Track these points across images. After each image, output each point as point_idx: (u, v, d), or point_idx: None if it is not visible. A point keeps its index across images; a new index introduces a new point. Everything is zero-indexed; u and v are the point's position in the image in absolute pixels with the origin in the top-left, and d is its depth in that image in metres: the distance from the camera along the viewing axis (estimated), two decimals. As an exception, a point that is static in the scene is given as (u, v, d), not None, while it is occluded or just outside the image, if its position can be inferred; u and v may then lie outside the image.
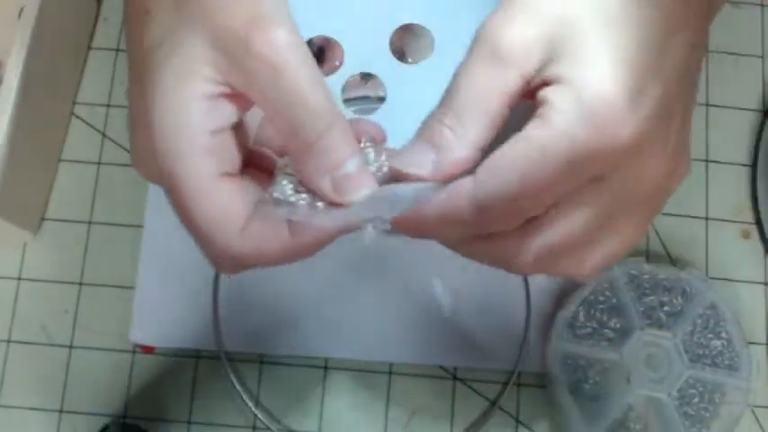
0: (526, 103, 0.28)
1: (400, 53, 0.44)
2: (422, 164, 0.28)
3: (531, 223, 0.28)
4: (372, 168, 0.30)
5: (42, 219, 0.43)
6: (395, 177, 0.29)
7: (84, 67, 0.45)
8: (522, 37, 0.27)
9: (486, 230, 0.28)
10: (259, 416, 0.41)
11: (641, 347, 0.39)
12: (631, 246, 0.30)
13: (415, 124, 0.43)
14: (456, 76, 0.28)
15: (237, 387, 0.41)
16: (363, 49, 0.44)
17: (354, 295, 0.42)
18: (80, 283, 0.43)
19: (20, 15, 0.39)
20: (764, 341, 0.43)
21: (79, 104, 0.45)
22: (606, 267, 0.31)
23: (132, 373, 0.42)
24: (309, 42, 0.44)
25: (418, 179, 0.28)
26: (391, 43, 0.44)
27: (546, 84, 0.26)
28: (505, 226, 0.28)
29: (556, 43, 0.27)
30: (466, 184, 0.27)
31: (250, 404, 0.41)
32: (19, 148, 0.39)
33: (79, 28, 0.45)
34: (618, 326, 0.40)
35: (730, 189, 0.44)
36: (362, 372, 0.42)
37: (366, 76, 0.44)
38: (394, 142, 0.43)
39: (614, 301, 0.40)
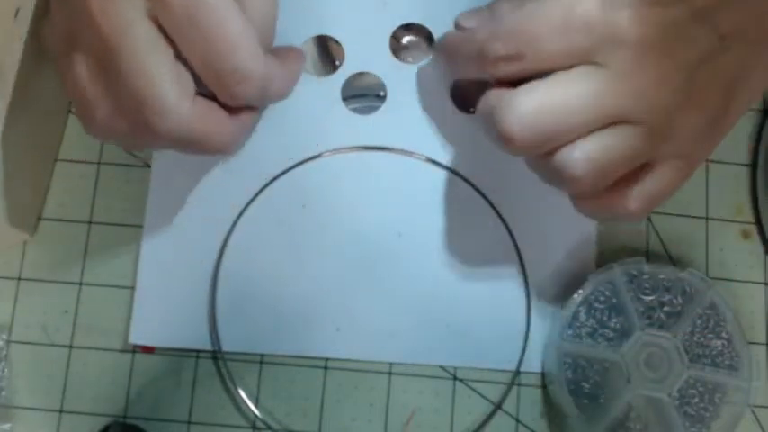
0: None
1: (400, 53, 0.44)
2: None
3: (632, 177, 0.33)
4: None
5: (39, 219, 0.43)
6: None
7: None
8: None
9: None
10: (259, 416, 0.41)
11: (641, 347, 0.39)
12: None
13: (415, 124, 0.43)
14: None
15: (237, 387, 0.41)
16: (363, 49, 0.44)
17: (354, 295, 0.42)
18: (80, 283, 0.43)
19: (16, 15, 0.39)
20: (764, 341, 0.43)
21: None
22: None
23: (132, 373, 0.42)
24: (310, 42, 0.44)
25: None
26: (391, 43, 0.44)
27: None
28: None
29: None
30: None
31: (250, 404, 0.41)
32: (14, 146, 0.39)
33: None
34: (618, 326, 0.40)
35: (730, 189, 0.44)
36: (362, 372, 0.42)
37: (366, 76, 0.44)
38: (394, 141, 0.43)
39: (614, 300, 0.40)
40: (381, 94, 0.44)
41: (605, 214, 0.35)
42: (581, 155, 0.32)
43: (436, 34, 0.44)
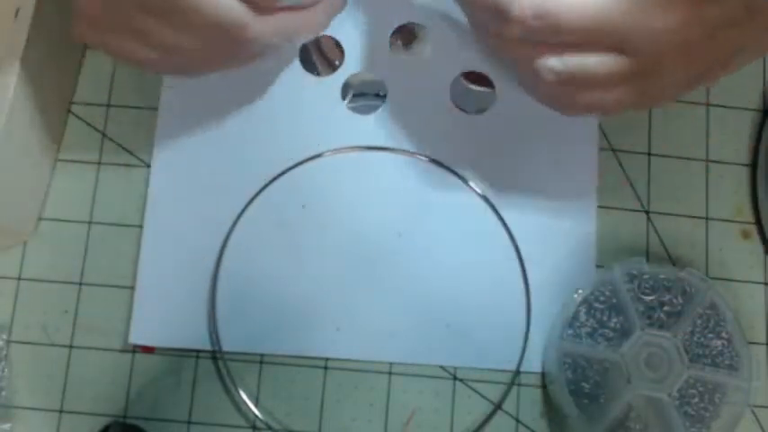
0: None
1: (400, 53, 0.44)
2: None
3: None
4: None
5: (39, 219, 0.43)
6: None
7: (82, 65, 0.45)
8: None
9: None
10: (259, 416, 0.41)
11: (641, 347, 0.39)
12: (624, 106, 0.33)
13: (415, 124, 0.43)
14: None
15: (237, 387, 0.41)
16: (363, 49, 0.44)
17: (354, 295, 0.42)
18: (80, 283, 0.43)
19: (16, 15, 0.39)
20: (764, 341, 0.43)
21: (77, 104, 0.45)
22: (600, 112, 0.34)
23: (132, 373, 0.42)
24: (310, 42, 0.44)
25: None
26: (391, 43, 0.44)
27: None
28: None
29: None
30: None
31: (250, 404, 0.41)
32: (15, 146, 0.39)
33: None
34: (618, 326, 0.40)
35: (730, 189, 0.44)
36: (362, 372, 0.42)
37: (366, 76, 0.44)
38: (394, 141, 0.43)
39: (614, 300, 0.40)
40: (381, 93, 0.44)
41: (543, 101, 0.34)
42: (562, 68, 0.31)
43: (436, 34, 0.44)
